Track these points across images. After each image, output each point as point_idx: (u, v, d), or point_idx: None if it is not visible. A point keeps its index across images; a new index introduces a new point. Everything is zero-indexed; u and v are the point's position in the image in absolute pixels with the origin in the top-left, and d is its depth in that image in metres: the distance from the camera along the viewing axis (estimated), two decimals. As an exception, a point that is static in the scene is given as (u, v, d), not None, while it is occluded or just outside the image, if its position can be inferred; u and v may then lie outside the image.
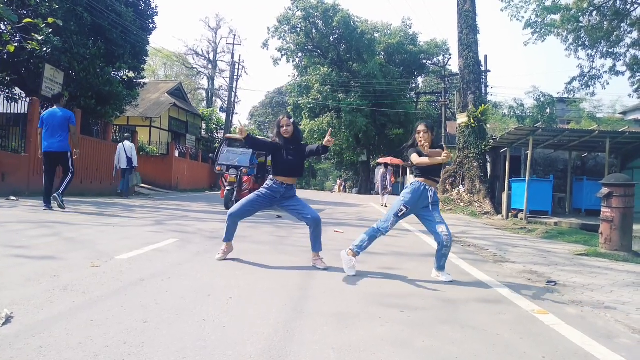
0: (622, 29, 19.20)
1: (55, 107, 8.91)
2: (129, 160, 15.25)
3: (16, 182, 12.09)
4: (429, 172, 4.55)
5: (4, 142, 13.24)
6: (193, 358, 2.22)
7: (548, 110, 32.57)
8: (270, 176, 4.94)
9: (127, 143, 15.46)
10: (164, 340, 2.42)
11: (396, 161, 32.22)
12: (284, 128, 4.79)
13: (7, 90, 14.20)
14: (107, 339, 2.38)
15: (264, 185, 4.90)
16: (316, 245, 4.86)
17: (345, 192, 52.59)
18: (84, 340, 2.34)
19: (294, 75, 46.90)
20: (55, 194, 8.58)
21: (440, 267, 4.57)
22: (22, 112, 13.35)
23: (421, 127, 4.58)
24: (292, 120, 4.89)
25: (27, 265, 3.96)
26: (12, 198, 10.31)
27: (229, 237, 4.97)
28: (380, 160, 32.42)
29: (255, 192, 4.94)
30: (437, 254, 4.57)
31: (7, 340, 2.28)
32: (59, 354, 2.15)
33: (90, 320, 2.65)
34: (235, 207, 4.91)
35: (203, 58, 51.92)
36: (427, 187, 4.51)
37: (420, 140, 4.56)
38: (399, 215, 4.53)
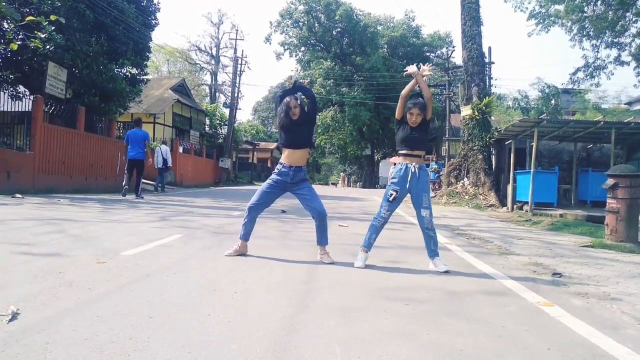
0: (627, 19, 18.98)
1: (136, 128, 12.77)
2: (165, 161, 17.31)
3: (21, 180, 12.15)
4: (407, 146, 4.58)
5: (9, 140, 13.32)
6: (199, 352, 2.22)
7: (553, 102, 32.32)
8: (280, 161, 4.88)
9: (163, 146, 17.73)
10: (169, 335, 2.42)
11: None
12: (292, 110, 4.68)
13: (11, 89, 14.26)
14: (112, 334, 2.39)
15: (274, 171, 4.87)
16: (322, 238, 4.82)
17: (350, 186, 52.59)
18: (90, 336, 2.35)
19: (297, 70, 46.80)
20: (135, 191, 12.52)
21: (433, 253, 4.63)
22: (27, 110, 13.39)
23: (414, 110, 4.54)
24: (299, 101, 4.74)
25: (33, 262, 3.98)
26: (18, 196, 10.35)
27: (246, 235, 4.84)
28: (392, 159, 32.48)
29: (267, 181, 4.92)
30: (424, 240, 4.66)
31: (14, 337, 2.29)
32: (65, 350, 2.16)
33: (96, 316, 2.67)
34: (253, 199, 4.83)
35: (206, 54, 51.98)
36: (409, 165, 4.54)
37: (412, 116, 4.55)
38: (390, 200, 4.57)
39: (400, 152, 4.65)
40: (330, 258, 4.76)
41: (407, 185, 4.54)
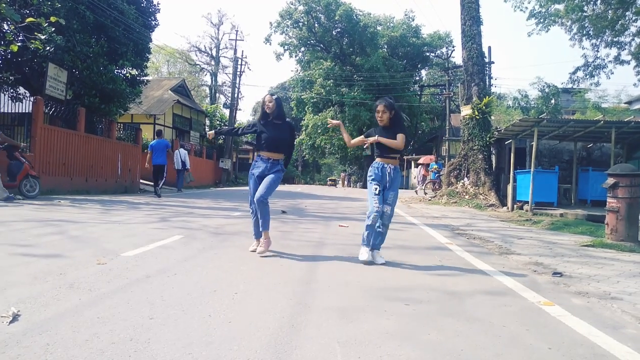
0: (627, 18, 18.97)
1: (159, 138, 14.73)
2: (183, 163, 19.24)
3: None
4: (380, 152, 4.91)
5: (9, 141, 13.28)
6: (199, 353, 2.23)
7: (553, 101, 32.31)
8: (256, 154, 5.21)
9: (182, 150, 19.67)
10: (170, 336, 2.43)
11: (428, 159, 31.72)
12: (267, 104, 5.02)
13: (12, 90, 14.27)
14: (113, 335, 2.39)
15: (254, 166, 5.16)
16: (264, 224, 5.03)
17: (350, 186, 52.56)
18: (91, 337, 2.35)
19: (297, 70, 46.88)
20: (156, 190, 14.44)
21: (376, 247, 4.90)
22: (27, 111, 13.40)
23: (380, 107, 4.88)
24: (274, 97, 5.08)
25: (33, 263, 3.98)
26: (18, 197, 10.35)
27: (256, 232, 5.19)
28: (421, 160, 32.74)
29: (251, 179, 5.15)
30: (374, 233, 4.86)
31: (15, 338, 2.29)
32: (65, 352, 2.17)
33: (97, 317, 2.67)
34: (251, 203, 5.10)
35: (206, 54, 51.96)
36: (384, 165, 4.88)
37: (379, 118, 4.91)
38: (377, 193, 4.87)
39: (377, 157, 4.98)
40: (263, 247, 4.98)
41: (383, 182, 4.90)
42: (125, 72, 17.58)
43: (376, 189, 4.87)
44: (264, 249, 5.01)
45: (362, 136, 5.16)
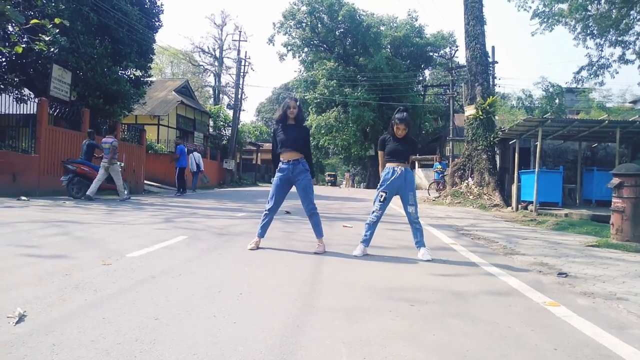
0: (631, 17, 18.88)
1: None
2: (197, 165, 20.04)
3: (26, 182, 12.21)
4: (394, 156, 5.20)
5: (14, 142, 13.37)
6: (204, 354, 2.23)
7: (557, 101, 32.22)
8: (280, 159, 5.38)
9: (196, 154, 20.46)
10: (175, 337, 2.43)
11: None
12: (291, 109, 5.24)
13: (16, 91, 14.32)
14: (119, 336, 2.40)
15: (277, 170, 5.41)
16: (317, 232, 5.39)
17: (354, 186, 52.52)
18: (96, 338, 2.36)
19: (300, 71, 46.85)
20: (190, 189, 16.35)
21: (420, 244, 5.20)
22: (32, 112, 13.45)
23: (401, 125, 5.16)
24: (298, 102, 5.35)
25: (38, 264, 4.00)
26: (23, 198, 10.41)
27: (262, 232, 5.44)
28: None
29: (274, 181, 5.41)
30: (412, 232, 5.28)
31: (21, 339, 2.30)
32: (71, 352, 2.17)
33: (102, 317, 2.68)
34: (269, 202, 5.38)
35: (209, 55, 52.12)
36: (395, 169, 5.15)
37: (399, 133, 5.20)
38: (381, 200, 5.19)
39: (388, 162, 5.26)
40: (321, 248, 5.30)
41: (396, 187, 5.16)
42: (129, 73, 17.64)
43: (382, 196, 5.16)
44: (322, 250, 5.31)
45: (379, 151, 5.43)
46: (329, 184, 61.22)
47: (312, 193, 5.38)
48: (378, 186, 5.30)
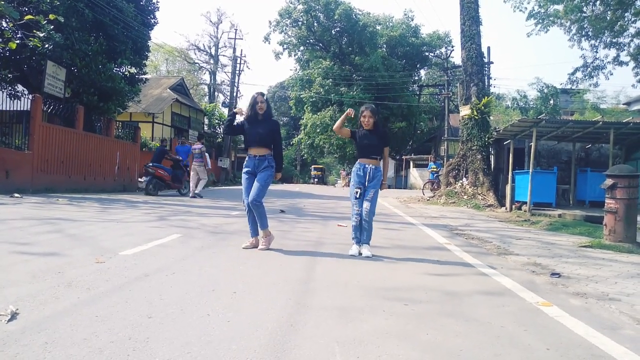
0: (626, 19, 18.96)
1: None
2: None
3: (20, 179, 12.14)
4: (364, 152, 5.32)
5: (7, 139, 13.27)
6: (198, 352, 2.22)
7: (551, 102, 32.32)
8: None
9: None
10: (168, 335, 2.43)
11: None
12: (259, 105, 5.25)
13: (10, 88, 14.22)
14: (112, 334, 2.39)
15: (244, 166, 5.39)
16: (261, 224, 5.24)
17: (348, 185, 52.37)
18: (89, 336, 2.35)
19: (296, 69, 46.81)
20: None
21: (363, 241, 5.23)
22: (25, 109, 13.36)
23: (366, 113, 5.28)
24: (265, 97, 5.39)
25: (31, 261, 3.98)
26: (16, 195, 10.35)
27: (254, 230, 5.38)
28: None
29: (243, 177, 5.40)
30: (357, 227, 5.28)
31: (13, 337, 2.29)
32: (64, 350, 2.16)
33: (95, 316, 2.67)
34: (244, 200, 5.29)
35: (205, 53, 51.93)
36: (367, 166, 5.27)
37: (365, 122, 5.29)
38: (357, 197, 5.28)
39: (359, 157, 5.38)
40: (268, 240, 5.26)
41: (365, 182, 5.26)
42: (124, 70, 17.55)
43: (357, 192, 5.28)
44: (266, 246, 5.21)
45: (350, 135, 5.55)
46: (315, 180, 54.78)
47: (265, 188, 5.22)
48: (351, 183, 5.43)
